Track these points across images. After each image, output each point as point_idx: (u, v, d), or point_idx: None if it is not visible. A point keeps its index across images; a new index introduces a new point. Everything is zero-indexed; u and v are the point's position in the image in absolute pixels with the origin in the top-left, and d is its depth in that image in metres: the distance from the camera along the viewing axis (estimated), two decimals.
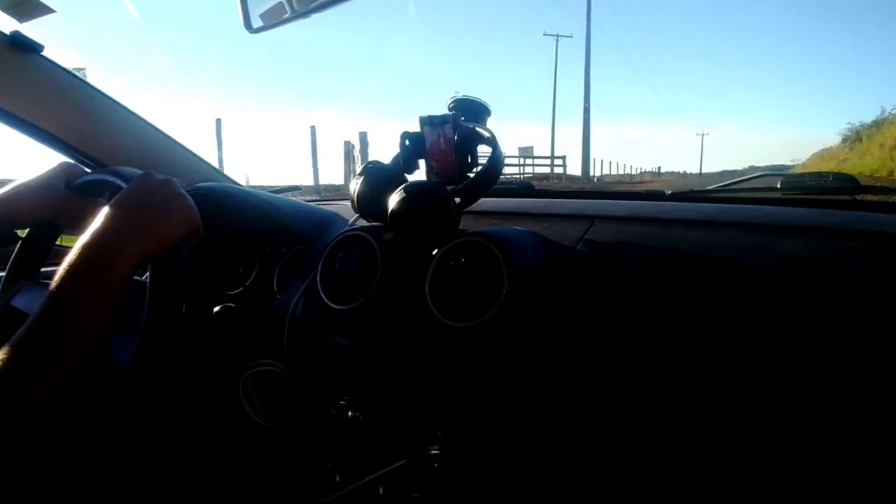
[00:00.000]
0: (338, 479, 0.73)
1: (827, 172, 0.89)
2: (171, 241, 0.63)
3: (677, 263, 0.66)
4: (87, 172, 0.86)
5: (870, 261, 0.59)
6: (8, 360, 0.48)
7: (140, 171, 0.77)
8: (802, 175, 0.90)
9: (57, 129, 0.99)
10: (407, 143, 0.83)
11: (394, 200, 0.73)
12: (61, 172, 0.82)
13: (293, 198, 1.12)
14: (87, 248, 0.57)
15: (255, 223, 0.97)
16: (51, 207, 0.81)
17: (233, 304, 0.87)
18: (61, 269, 0.55)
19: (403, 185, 0.74)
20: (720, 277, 0.62)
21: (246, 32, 0.84)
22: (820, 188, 0.86)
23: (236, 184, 1.20)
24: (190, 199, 0.67)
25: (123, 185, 0.73)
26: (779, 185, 0.90)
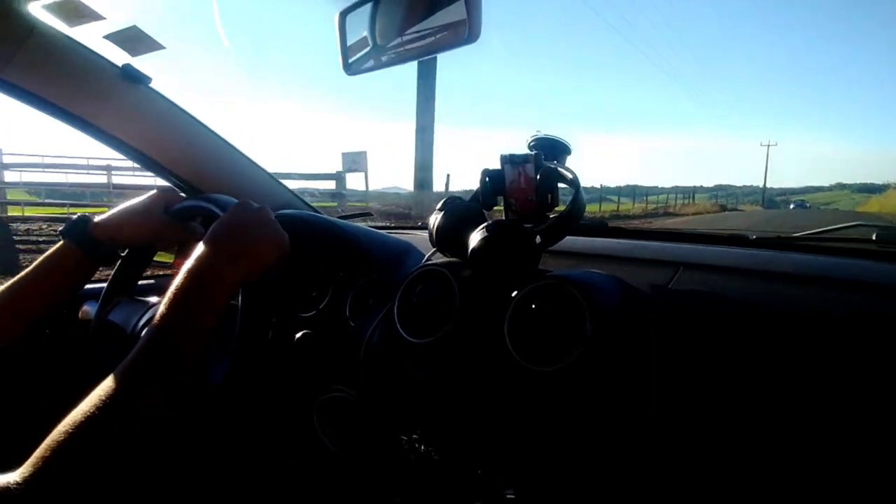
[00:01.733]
0: None
1: None
2: (264, 268, 0.67)
3: (769, 320, 0.63)
4: (184, 198, 0.92)
5: None
6: (123, 382, 0.52)
7: (233, 199, 0.82)
8: None
9: (159, 154, 1.07)
10: (487, 179, 0.84)
11: (476, 238, 0.73)
12: (161, 198, 0.88)
13: (364, 224, 1.15)
14: (190, 277, 0.60)
15: (331, 248, 1.00)
16: (151, 231, 0.88)
17: (311, 331, 0.89)
18: (167, 296, 0.59)
19: (486, 223, 0.74)
20: (814, 337, 0.59)
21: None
22: None
23: (314, 210, 1.25)
24: (279, 226, 0.71)
25: (220, 212, 0.77)
26: (874, 237, 0.85)
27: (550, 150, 0.83)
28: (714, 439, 0.58)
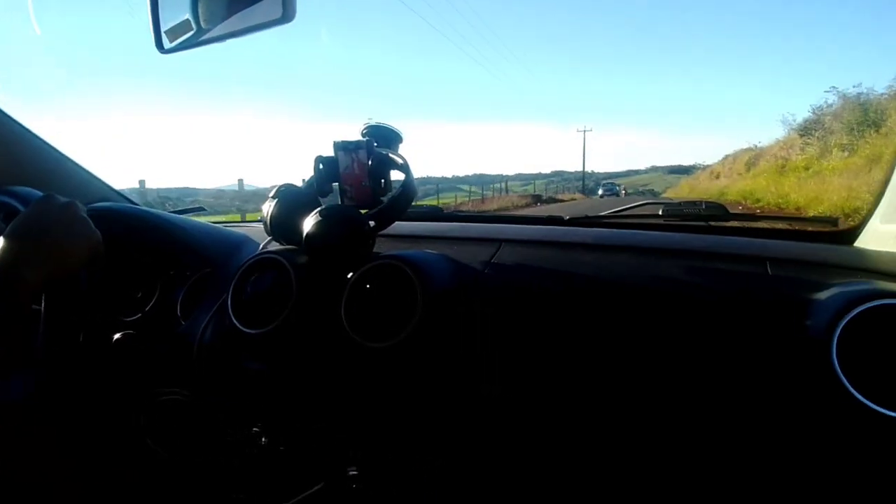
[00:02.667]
0: None
1: (700, 201, 1.02)
2: (72, 268, 0.60)
3: (574, 284, 0.72)
4: None
5: (733, 279, 0.68)
6: None
7: (38, 192, 0.73)
8: (680, 203, 1.02)
9: None
10: (321, 166, 0.84)
11: (309, 224, 0.73)
12: None
13: (198, 219, 1.08)
14: None
15: (157, 245, 0.93)
16: None
17: (132, 331, 0.82)
18: None
19: (319, 208, 0.75)
20: (611, 296, 0.69)
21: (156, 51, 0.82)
22: (696, 215, 0.98)
23: (134, 203, 1.14)
24: (90, 223, 0.64)
25: (20, 206, 0.68)
26: (661, 213, 1.00)
27: (383, 138, 0.85)
28: (530, 401, 0.65)
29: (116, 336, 0.81)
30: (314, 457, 0.71)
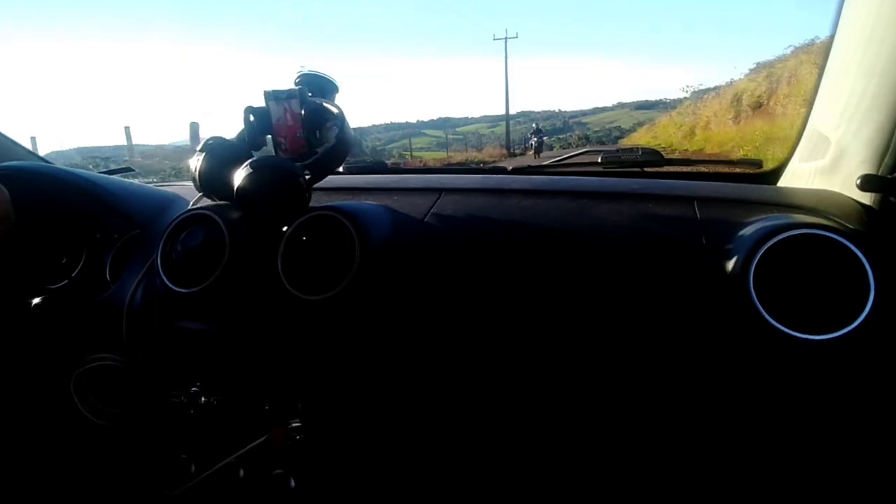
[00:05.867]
0: (193, 468, 0.70)
1: (637, 147, 1.04)
2: None
3: (512, 228, 0.73)
4: None
5: (663, 219, 0.71)
6: None
7: None
8: (618, 150, 1.04)
9: None
10: (251, 118, 0.80)
11: (240, 177, 0.70)
12: None
13: (125, 180, 1.02)
14: None
15: (77, 206, 0.87)
16: None
17: (51, 295, 0.78)
18: None
19: (250, 160, 0.72)
20: (548, 238, 0.70)
21: None
22: (632, 161, 1.00)
23: (49, 163, 1.06)
24: (5, 198, 0.59)
25: None
26: (599, 160, 1.02)
27: (317, 87, 0.82)
28: (468, 349, 0.66)
29: (35, 301, 0.76)
30: (257, 412, 0.70)
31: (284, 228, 0.71)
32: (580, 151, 1.12)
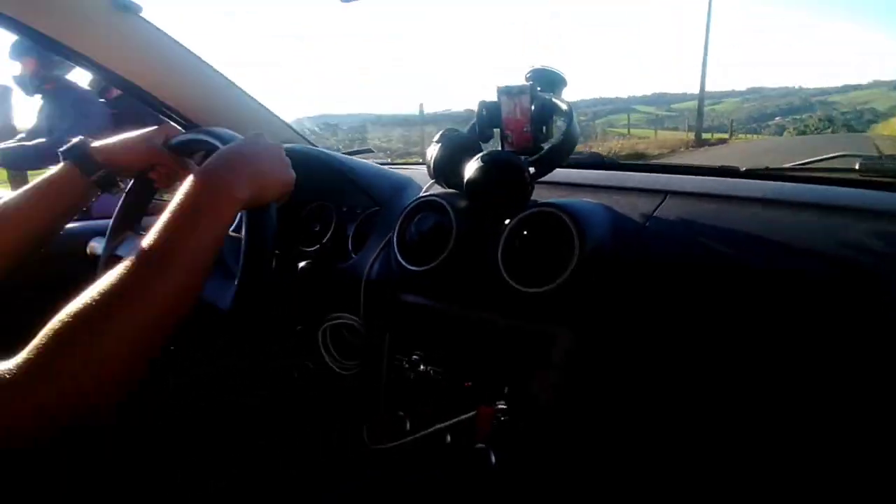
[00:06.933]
0: (408, 426, 0.80)
1: None
2: (269, 198, 0.69)
3: (749, 244, 0.67)
4: (182, 133, 0.92)
5: None
6: (127, 276, 0.50)
7: (235, 134, 0.83)
8: (882, 157, 0.87)
9: (152, 87, 1.07)
10: (484, 111, 0.85)
11: (471, 169, 0.76)
12: (161, 131, 0.88)
13: (366, 160, 1.17)
14: (202, 184, 0.60)
15: (334, 185, 1.02)
16: (148, 160, 0.87)
17: (313, 262, 0.93)
18: (175, 200, 0.58)
19: (481, 154, 0.77)
20: (792, 261, 0.63)
21: None
22: None
23: (313, 144, 1.26)
24: (290, 164, 0.72)
25: (220, 145, 0.79)
26: (857, 167, 0.87)
27: (546, 82, 0.84)
28: (682, 366, 0.63)
29: (301, 264, 0.92)
30: (467, 388, 0.77)
31: (507, 221, 0.74)
32: (833, 156, 0.96)
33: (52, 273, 0.96)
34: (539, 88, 0.81)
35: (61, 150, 0.83)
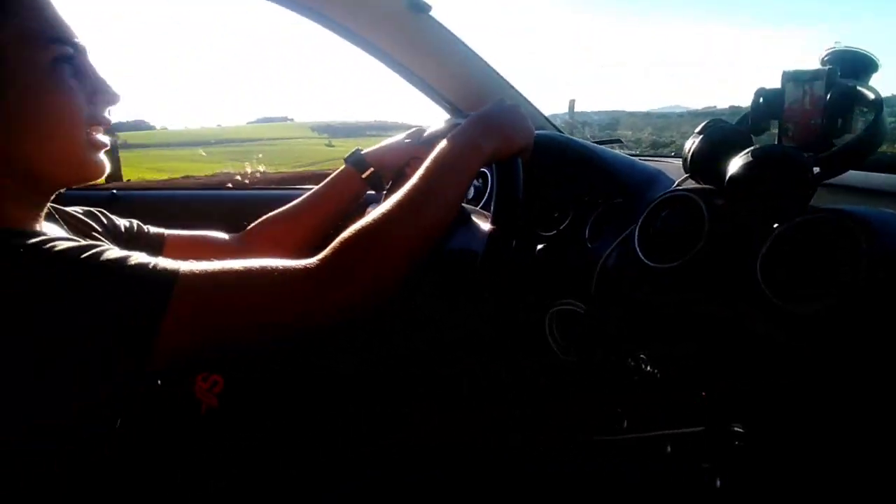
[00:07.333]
0: (625, 424, 0.77)
1: None
2: (513, 150, 0.76)
3: None
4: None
5: None
6: (399, 205, 0.64)
7: None
8: None
9: (434, 80, 1.21)
10: (761, 100, 0.76)
11: (736, 164, 0.68)
12: (419, 130, 1.06)
13: (616, 151, 1.14)
14: (453, 139, 0.72)
15: (579, 172, 1.03)
16: (407, 157, 1.05)
17: (550, 246, 0.95)
18: (432, 155, 0.70)
19: (751, 148, 0.68)
20: None
21: None
22: None
23: (560, 131, 1.28)
24: (529, 122, 0.77)
25: None
26: None
27: (850, 66, 0.70)
28: None
29: (539, 247, 0.95)
30: (697, 399, 0.70)
31: (775, 226, 0.65)
32: None
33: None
34: (839, 73, 0.69)
35: (345, 157, 1.06)
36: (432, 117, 1.38)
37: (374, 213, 0.63)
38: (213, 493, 0.61)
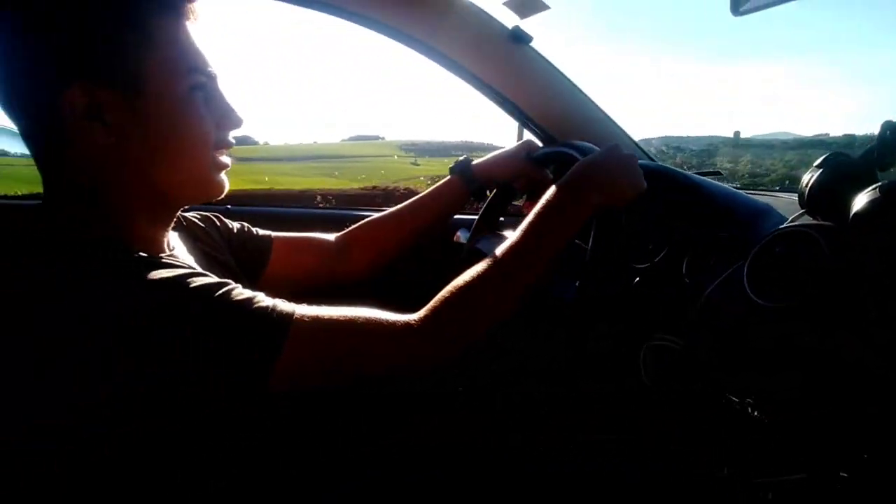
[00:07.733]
0: (726, 471, 0.73)
1: None
2: (620, 203, 0.74)
3: None
4: (542, 147, 1.05)
5: None
6: (501, 264, 0.67)
7: (593, 146, 0.90)
8: None
9: (526, 105, 1.23)
10: (888, 133, 0.71)
11: (863, 201, 0.64)
12: (525, 146, 1.06)
13: (719, 182, 1.10)
14: (564, 191, 0.72)
15: (688, 204, 1.00)
16: (513, 172, 1.06)
17: (648, 280, 0.93)
18: (539, 205, 0.71)
19: (878, 184, 0.64)
20: None
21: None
22: None
23: (653, 160, 1.25)
24: (641, 173, 0.76)
25: (579, 156, 0.86)
26: None
27: None
28: None
29: (636, 280, 0.93)
30: (802, 444, 0.65)
31: None
32: None
33: (429, 249, 1.19)
34: None
35: (451, 166, 1.08)
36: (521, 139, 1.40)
37: (474, 271, 0.67)
38: (213, 493, 0.63)
